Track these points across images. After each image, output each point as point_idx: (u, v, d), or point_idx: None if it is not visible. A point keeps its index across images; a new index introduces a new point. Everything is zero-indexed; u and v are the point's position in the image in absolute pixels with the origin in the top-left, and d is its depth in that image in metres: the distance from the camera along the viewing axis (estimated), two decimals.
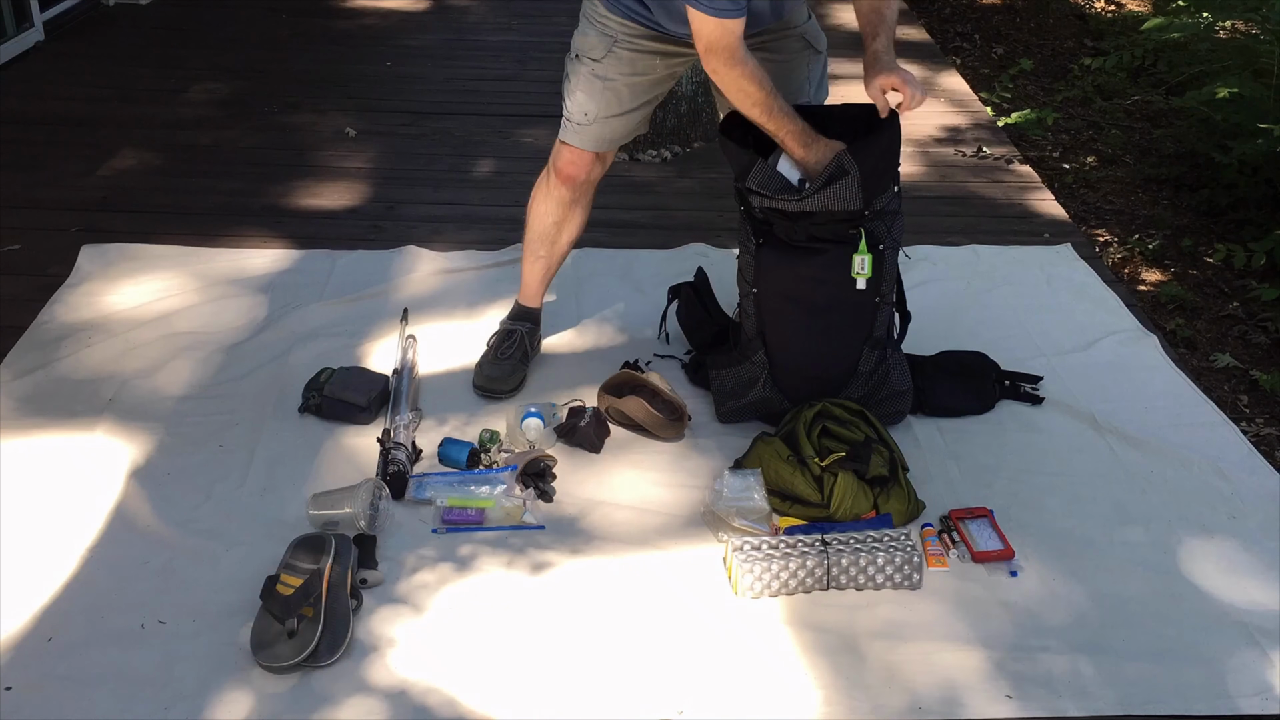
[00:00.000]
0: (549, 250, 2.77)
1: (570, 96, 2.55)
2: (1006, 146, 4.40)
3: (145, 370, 2.78)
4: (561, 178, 2.64)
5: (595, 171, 2.65)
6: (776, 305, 2.54)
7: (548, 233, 2.73)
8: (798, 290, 2.52)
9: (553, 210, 2.70)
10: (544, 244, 2.75)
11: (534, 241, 2.76)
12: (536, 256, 2.78)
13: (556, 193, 2.67)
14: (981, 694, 1.99)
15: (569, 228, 2.74)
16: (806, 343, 2.56)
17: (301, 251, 3.39)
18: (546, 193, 2.69)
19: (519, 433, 2.52)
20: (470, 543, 2.28)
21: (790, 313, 2.54)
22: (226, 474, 2.45)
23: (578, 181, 2.64)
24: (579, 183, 2.65)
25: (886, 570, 2.18)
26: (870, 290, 2.49)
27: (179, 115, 4.40)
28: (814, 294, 2.50)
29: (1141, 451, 2.61)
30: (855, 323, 2.53)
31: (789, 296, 2.52)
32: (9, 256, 3.33)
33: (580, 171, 2.62)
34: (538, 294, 2.85)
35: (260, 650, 1.97)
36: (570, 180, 2.64)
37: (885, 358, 2.57)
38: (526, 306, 2.86)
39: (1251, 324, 3.49)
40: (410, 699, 1.94)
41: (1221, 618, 2.16)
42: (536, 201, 2.72)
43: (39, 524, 2.29)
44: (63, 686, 1.94)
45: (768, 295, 2.53)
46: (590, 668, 2.02)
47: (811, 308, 2.52)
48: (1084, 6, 6.58)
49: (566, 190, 2.66)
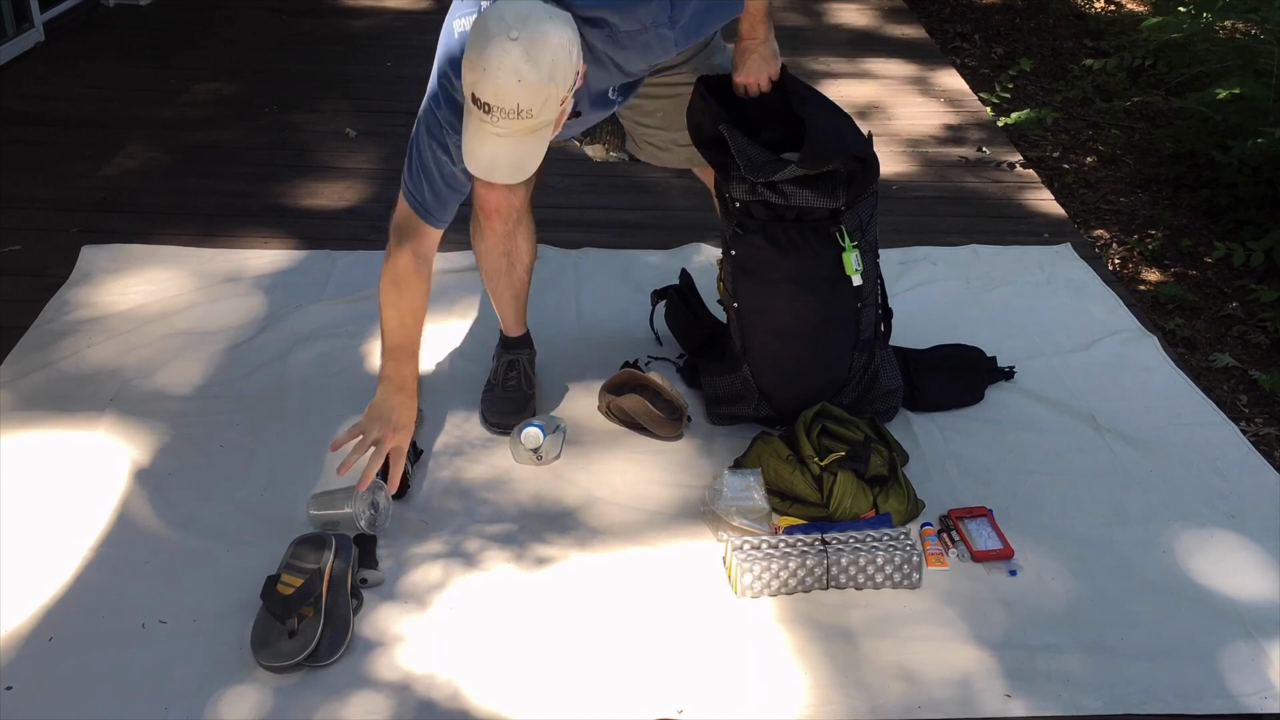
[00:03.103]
0: (509, 281, 2.62)
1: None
2: (1006, 146, 4.40)
3: (146, 370, 2.78)
4: (488, 213, 2.47)
5: (519, 195, 2.46)
6: (757, 320, 2.53)
7: (499, 268, 2.58)
8: (777, 303, 2.50)
9: (495, 246, 2.53)
10: (500, 278, 2.61)
11: (490, 278, 2.62)
12: (499, 291, 2.65)
13: (490, 231, 2.51)
14: (981, 693, 1.99)
15: (520, 257, 2.58)
16: (792, 356, 2.54)
17: (301, 252, 3.39)
18: (481, 234, 2.53)
19: (518, 444, 2.51)
20: (471, 542, 2.29)
21: (771, 326, 2.53)
22: (227, 474, 2.45)
23: (504, 212, 2.47)
24: (506, 212, 2.47)
25: (886, 570, 2.19)
26: (852, 295, 2.48)
27: (179, 115, 4.40)
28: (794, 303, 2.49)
29: (1141, 451, 2.61)
30: (841, 330, 2.52)
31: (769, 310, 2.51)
32: (9, 256, 3.33)
33: (502, 200, 2.44)
34: (517, 323, 2.73)
35: (261, 650, 1.97)
36: (497, 213, 2.47)
37: (873, 359, 2.57)
38: (514, 336, 2.74)
39: (1251, 324, 3.49)
40: (412, 697, 1.94)
41: (1221, 616, 2.16)
42: (475, 241, 2.56)
43: (39, 524, 2.29)
44: (63, 686, 1.94)
45: (748, 311, 2.53)
46: (590, 667, 2.02)
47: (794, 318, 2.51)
48: (1084, 6, 6.58)
49: (499, 223, 2.49)
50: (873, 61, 5.30)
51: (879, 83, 5.03)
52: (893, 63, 5.28)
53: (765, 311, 2.52)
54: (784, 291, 2.49)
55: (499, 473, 2.49)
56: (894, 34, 5.76)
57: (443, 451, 2.55)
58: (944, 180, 4.09)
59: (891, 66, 5.23)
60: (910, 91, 4.96)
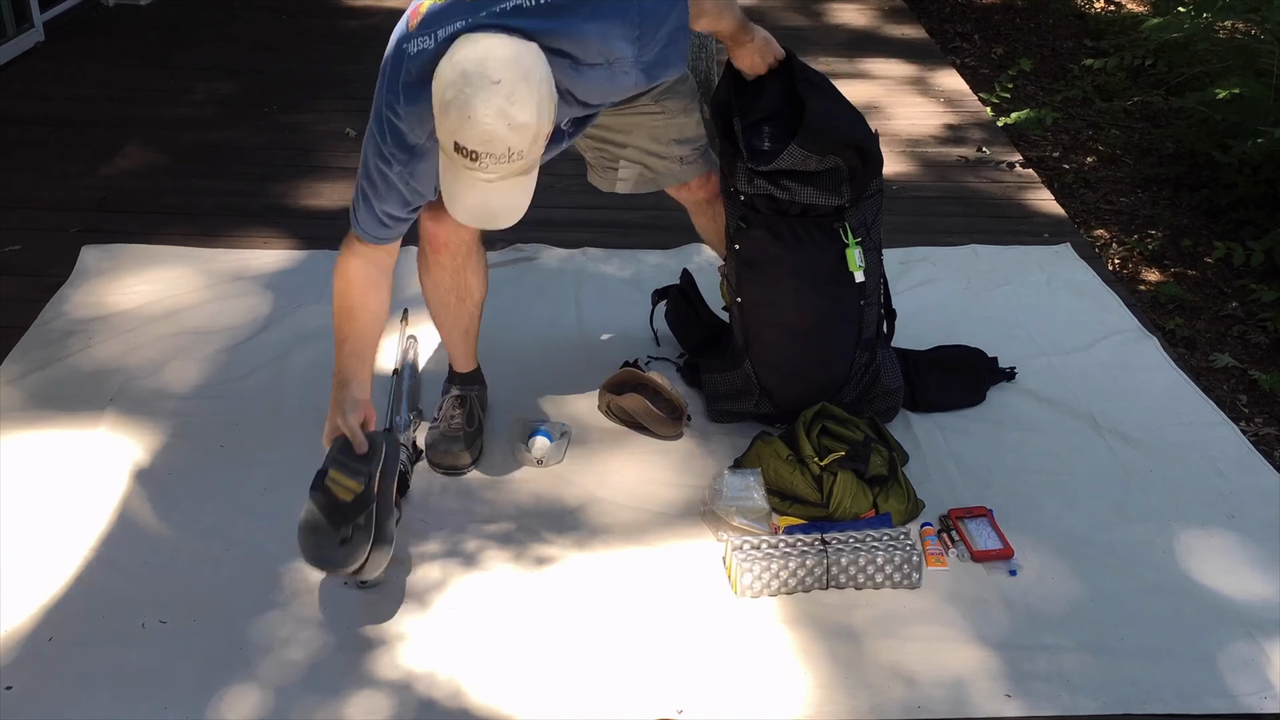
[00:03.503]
0: (457, 318, 2.51)
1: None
2: (1006, 146, 4.40)
3: (146, 370, 2.78)
4: (436, 247, 2.35)
5: (468, 229, 2.31)
6: (760, 314, 2.53)
7: (446, 304, 2.47)
8: (780, 298, 2.51)
9: (443, 282, 2.41)
10: (447, 313, 2.49)
11: (437, 314, 2.51)
12: (447, 327, 2.54)
13: (438, 266, 2.39)
14: (981, 693, 1.99)
15: (470, 291, 2.46)
16: (794, 351, 2.55)
17: (301, 252, 3.39)
18: (428, 268, 2.41)
19: (524, 451, 2.52)
20: (471, 541, 2.29)
21: (774, 320, 2.53)
22: (227, 474, 2.45)
23: (453, 246, 2.35)
24: (455, 246, 2.35)
25: (886, 569, 2.19)
26: (856, 292, 2.49)
27: (179, 115, 4.41)
28: (797, 298, 2.50)
29: (1141, 451, 2.61)
30: (843, 327, 2.53)
31: (772, 304, 2.52)
32: (9, 256, 3.33)
33: (450, 234, 2.32)
34: (470, 357, 2.61)
35: (310, 549, 1.98)
36: (445, 247, 2.35)
37: (875, 358, 2.57)
38: (464, 372, 2.61)
39: (1251, 324, 3.49)
40: (413, 696, 1.95)
41: (1221, 616, 2.16)
42: (422, 276, 2.44)
43: (40, 523, 2.29)
44: (63, 686, 1.94)
45: (751, 305, 2.53)
46: (590, 666, 2.02)
47: (797, 313, 2.51)
48: (1084, 6, 6.58)
49: (447, 258, 2.37)
50: (872, 61, 5.30)
51: (879, 83, 5.03)
52: (892, 63, 5.28)
53: (768, 305, 2.52)
54: (788, 286, 2.49)
55: (499, 473, 2.49)
56: (894, 34, 5.76)
57: None
58: (944, 180, 4.09)
59: (891, 66, 5.24)
60: (910, 91, 4.96)
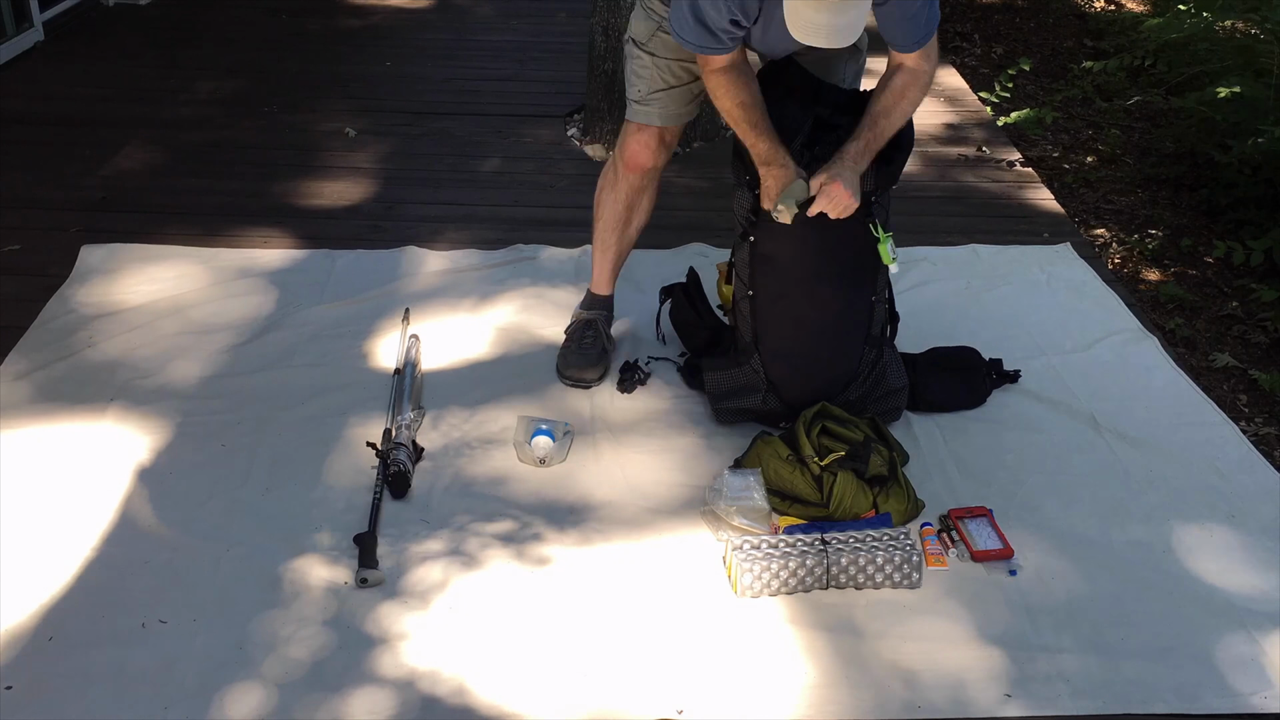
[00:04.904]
0: (619, 239, 2.81)
1: (629, 82, 2.65)
2: (1006, 146, 4.40)
3: (147, 370, 2.79)
4: (630, 166, 2.69)
5: (660, 157, 2.69)
6: (774, 308, 2.54)
7: (619, 220, 2.78)
8: (796, 291, 2.52)
9: (622, 198, 2.75)
10: (614, 232, 2.80)
11: (605, 232, 2.81)
12: (607, 246, 2.82)
13: (625, 182, 2.73)
14: (981, 692, 1.99)
15: (639, 215, 2.79)
16: (807, 346, 2.56)
17: (301, 251, 3.39)
18: (614, 183, 2.75)
19: (526, 449, 2.52)
20: (472, 540, 2.29)
21: (788, 314, 2.54)
22: (228, 473, 2.45)
23: (645, 168, 2.69)
24: (646, 169, 2.69)
25: (886, 569, 2.19)
26: (868, 288, 2.49)
27: (179, 115, 4.40)
28: (813, 292, 2.51)
29: (1141, 451, 2.61)
30: (855, 323, 2.53)
31: (788, 297, 2.52)
32: (9, 256, 3.33)
33: (647, 156, 2.66)
34: (610, 282, 2.89)
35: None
36: (638, 167, 2.69)
37: (882, 355, 2.57)
38: (599, 295, 2.90)
39: (1250, 324, 3.49)
40: (415, 695, 1.95)
41: (1220, 616, 2.16)
42: (604, 192, 2.78)
43: (40, 523, 2.29)
44: (63, 685, 1.95)
45: (765, 299, 2.53)
46: (591, 666, 2.02)
47: (812, 307, 2.52)
48: (1084, 6, 6.58)
49: (636, 177, 2.71)
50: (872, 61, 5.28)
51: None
52: None
53: (783, 299, 2.53)
54: (804, 279, 2.50)
55: (499, 472, 2.49)
56: None
57: (443, 451, 2.55)
58: (944, 179, 4.09)
59: None
60: None
